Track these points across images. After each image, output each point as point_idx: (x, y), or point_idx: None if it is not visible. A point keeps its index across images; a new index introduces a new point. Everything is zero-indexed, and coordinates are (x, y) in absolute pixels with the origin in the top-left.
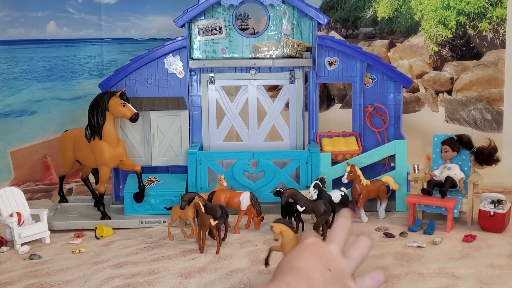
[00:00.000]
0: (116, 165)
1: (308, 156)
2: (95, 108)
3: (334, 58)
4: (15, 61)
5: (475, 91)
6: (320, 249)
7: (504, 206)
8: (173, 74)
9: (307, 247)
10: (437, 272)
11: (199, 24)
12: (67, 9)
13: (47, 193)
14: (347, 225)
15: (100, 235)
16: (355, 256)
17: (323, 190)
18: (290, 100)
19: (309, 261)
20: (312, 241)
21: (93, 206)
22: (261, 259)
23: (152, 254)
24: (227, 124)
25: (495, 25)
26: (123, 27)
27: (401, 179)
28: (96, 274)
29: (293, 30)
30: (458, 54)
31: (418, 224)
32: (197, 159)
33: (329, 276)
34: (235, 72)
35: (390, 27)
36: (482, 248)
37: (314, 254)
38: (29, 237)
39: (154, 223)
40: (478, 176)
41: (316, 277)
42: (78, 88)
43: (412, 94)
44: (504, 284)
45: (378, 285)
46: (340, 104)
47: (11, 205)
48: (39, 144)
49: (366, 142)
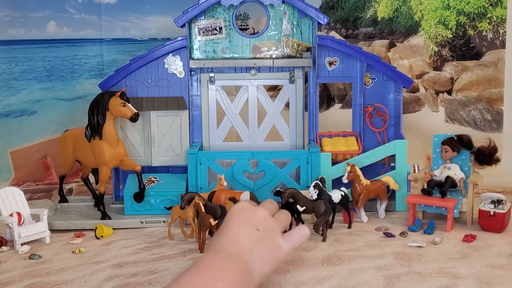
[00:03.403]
0: (116, 165)
1: (308, 156)
2: (95, 108)
3: (334, 58)
4: (15, 61)
5: (475, 91)
6: (248, 212)
7: (504, 206)
8: (173, 74)
9: (236, 213)
10: (437, 272)
11: (199, 24)
12: (67, 9)
13: (47, 193)
14: (275, 203)
15: (100, 235)
16: (285, 222)
17: (323, 190)
18: (290, 100)
19: (237, 225)
20: (241, 205)
21: (93, 206)
22: None
23: (152, 254)
24: (227, 124)
25: (495, 25)
26: (123, 27)
27: (401, 179)
28: (96, 274)
29: (293, 30)
30: (458, 54)
31: (418, 224)
32: (197, 159)
33: (258, 235)
34: (235, 72)
35: (390, 27)
36: (482, 248)
37: (242, 218)
38: (29, 237)
39: (154, 223)
40: (478, 176)
41: (244, 238)
42: (78, 88)
43: (412, 94)
44: (504, 284)
45: (305, 238)
46: (340, 104)
47: (11, 205)
48: (39, 144)
49: (366, 142)
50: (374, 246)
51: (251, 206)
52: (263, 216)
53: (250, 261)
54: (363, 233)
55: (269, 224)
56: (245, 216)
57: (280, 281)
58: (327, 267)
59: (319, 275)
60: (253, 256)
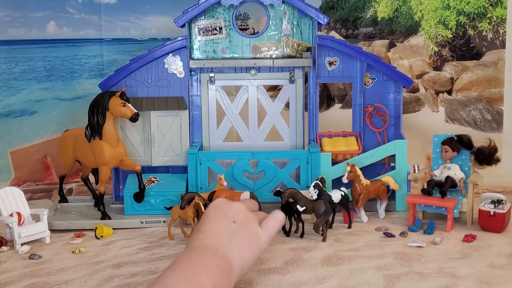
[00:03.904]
0: (116, 165)
1: (308, 156)
2: (95, 108)
3: (334, 58)
4: (15, 61)
5: (475, 91)
6: (225, 207)
7: (504, 206)
8: (173, 74)
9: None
10: (437, 272)
11: (199, 24)
12: (67, 9)
13: (47, 193)
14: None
15: (100, 235)
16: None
17: (323, 190)
18: (290, 100)
19: (214, 221)
20: (217, 202)
21: (93, 206)
22: (262, 259)
23: (152, 254)
24: (227, 124)
25: (495, 25)
26: (123, 27)
27: (401, 179)
28: (96, 274)
29: (293, 30)
30: (458, 54)
31: (418, 224)
32: (197, 159)
33: (235, 227)
34: (235, 72)
35: (390, 27)
36: (482, 248)
37: (219, 213)
38: (29, 237)
39: (154, 223)
40: (478, 176)
41: (222, 232)
42: (78, 88)
43: (412, 94)
44: (504, 284)
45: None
46: (340, 104)
47: (11, 205)
48: (39, 144)
49: (366, 142)
50: (374, 246)
51: (227, 202)
52: (239, 209)
53: (229, 253)
54: (363, 233)
55: (245, 216)
56: (221, 211)
57: (280, 281)
58: (327, 267)
59: (319, 275)
60: (231, 248)
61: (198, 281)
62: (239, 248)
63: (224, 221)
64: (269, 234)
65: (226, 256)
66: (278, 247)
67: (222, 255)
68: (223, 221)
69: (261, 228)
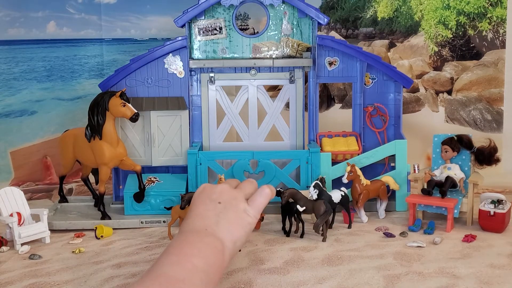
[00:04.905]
0: (116, 165)
1: (308, 156)
2: (95, 108)
3: (334, 58)
4: (15, 61)
5: (475, 91)
6: (209, 190)
7: (504, 206)
8: (173, 74)
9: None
10: (437, 272)
11: (199, 24)
12: (67, 9)
13: (47, 193)
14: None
15: (100, 235)
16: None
17: (323, 190)
18: (290, 100)
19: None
20: (201, 188)
21: (93, 206)
22: (262, 259)
23: (152, 254)
24: (227, 124)
25: (495, 25)
26: (123, 27)
27: (401, 179)
28: (96, 274)
29: (293, 30)
30: (458, 54)
31: (418, 224)
32: (197, 159)
33: (220, 207)
34: (235, 72)
35: (390, 27)
36: (482, 248)
37: (203, 197)
38: (29, 237)
39: (154, 223)
40: (478, 176)
41: (208, 213)
42: (78, 88)
43: (412, 94)
44: (504, 284)
45: (266, 197)
46: (340, 104)
47: (11, 205)
48: (39, 144)
49: (366, 142)
50: (374, 246)
51: (210, 185)
52: (222, 190)
53: (218, 232)
54: (363, 233)
55: (230, 195)
56: (205, 195)
57: (280, 281)
58: (327, 267)
59: (319, 275)
60: (219, 226)
61: (192, 263)
62: (228, 225)
63: (209, 204)
64: (256, 209)
65: (215, 233)
66: (278, 247)
67: (211, 233)
68: (208, 204)
69: (248, 204)
